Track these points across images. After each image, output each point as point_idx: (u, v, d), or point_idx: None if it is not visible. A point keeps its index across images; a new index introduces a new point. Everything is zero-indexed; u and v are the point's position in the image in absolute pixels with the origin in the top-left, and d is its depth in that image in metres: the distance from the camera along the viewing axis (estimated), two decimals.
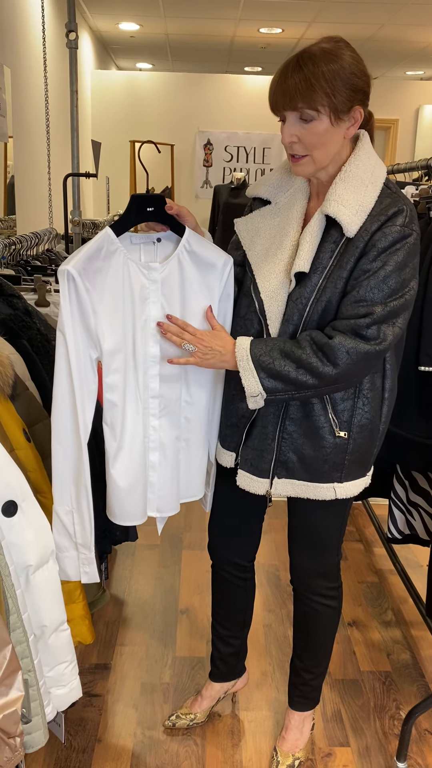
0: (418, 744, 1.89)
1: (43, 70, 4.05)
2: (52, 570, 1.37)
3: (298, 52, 1.34)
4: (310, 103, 1.31)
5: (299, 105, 1.31)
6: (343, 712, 2.00)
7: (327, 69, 1.29)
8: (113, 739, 1.88)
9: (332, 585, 1.70)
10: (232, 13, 5.80)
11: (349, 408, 1.48)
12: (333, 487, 1.54)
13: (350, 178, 1.38)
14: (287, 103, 1.32)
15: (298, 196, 1.50)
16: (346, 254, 1.38)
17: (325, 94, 1.30)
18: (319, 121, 1.33)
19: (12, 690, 1.16)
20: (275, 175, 1.55)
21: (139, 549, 2.81)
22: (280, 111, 1.36)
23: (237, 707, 2.01)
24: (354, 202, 1.36)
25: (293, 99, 1.31)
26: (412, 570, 2.71)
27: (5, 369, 1.42)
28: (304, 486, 1.54)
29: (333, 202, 1.37)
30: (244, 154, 7.46)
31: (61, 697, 1.45)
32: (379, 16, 5.73)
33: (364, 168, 1.40)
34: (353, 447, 1.51)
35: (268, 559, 2.75)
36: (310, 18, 5.87)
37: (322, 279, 1.40)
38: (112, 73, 7.65)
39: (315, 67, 1.29)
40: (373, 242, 1.35)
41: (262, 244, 1.50)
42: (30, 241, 2.74)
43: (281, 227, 1.49)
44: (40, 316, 1.91)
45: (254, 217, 1.55)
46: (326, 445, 1.49)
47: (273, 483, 1.55)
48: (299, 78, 1.29)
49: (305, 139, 1.35)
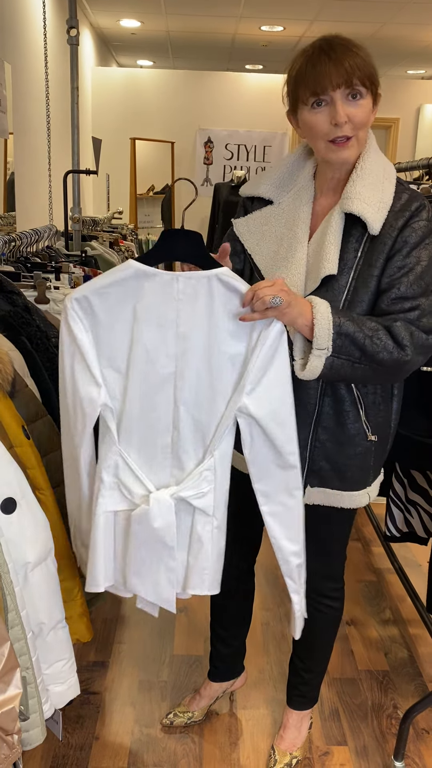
0: (415, 743, 1.89)
1: (44, 67, 4.04)
2: (50, 567, 1.36)
3: (328, 38, 1.34)
4: (364, 79, 1.32)
5: (354, 80, 1.31)
6: (341, 711, 2.00)
7: (363, 52, 1.33)
8: (111, 737, 1.88)
9: (337, 586, 1.70)
10: (233, 10, 5.79)
11: (376, 411, 1.47)
12: (367, 492, 1.54)
13: (367, 175, 1.37)
14: (343, 80, 1.30)
15: (302, 195, 1.46)
16: (373, 252, 1.36)
17: (370, 68, 1.33)
18: (366, 99, 1.34)
19: (10, 687, 1.16)
20: (275, 174, 1.51)
21: None
22: (330, 91, 1.31)
23: (235, 706, 2.01)
24: (375, 198, 1.35)
25: (350, 74, 1.30)
26: (410, 569, 2.71)
27: (5, 366, 1.41)
28: (338, 495, 1.52)
29: (356, 200, 1.35)
30: (245, 152, 7.44)
31: (59, 694, 1.44)
32: (381, 14, 5.72)
33: (377, 164, 1.39)
34: (377, 448, 1.51)
35: (266, 558, 2.73)
36: (311, 16, 5.86)
37: (351, 279, 1.37)
38: (112, 70, 7.62)
39: (358, 48, 1.33)
40: (404, 238, 1.34)
41: (270, 247, 1.45)
42: (30, 237, 2.74)
43: (289, 228, 1.44)
44: (40, 313, 1.91)
45: (255, 218, 1.50)
46: (359, 452, 1.48)
47: (306, 492, 1.51)
48: (350, 54, 1.31)
49: (355, 117, 1.33)
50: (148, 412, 1.35)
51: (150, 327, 1.30)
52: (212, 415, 1.34)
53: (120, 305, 1.29)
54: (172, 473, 1.38)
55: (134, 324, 1.30)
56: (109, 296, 1.29)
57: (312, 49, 1.34)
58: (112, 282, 1.28)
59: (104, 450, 1.37)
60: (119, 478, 1.36)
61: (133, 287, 1.28)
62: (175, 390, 1.33)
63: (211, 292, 1.28)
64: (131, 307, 1.29)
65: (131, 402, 1.34)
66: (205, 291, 1.28)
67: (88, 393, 1.32)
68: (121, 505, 1.38)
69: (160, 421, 1.35)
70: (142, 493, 1.36)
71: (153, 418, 1.35)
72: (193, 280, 1.27)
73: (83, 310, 1.29)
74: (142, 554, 1.38)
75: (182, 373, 1.32)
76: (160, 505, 1.34)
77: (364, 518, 3.15)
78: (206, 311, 1.29)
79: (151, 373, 1.32)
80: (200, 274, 1.27)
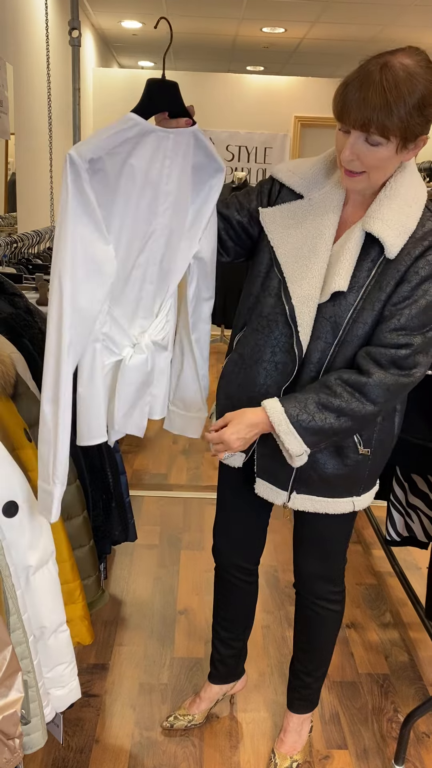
0: (415, 747, 1.89)
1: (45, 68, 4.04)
2: (52, 571, 1.36)
3: (383, 63, 1.21)
4: (384, 132, 1.23)
5: (372, 129, 1.23)
6: (341, 715, 2.00)
7: (409, 97, 1.20)
8: (111, 740, 1.88)
9: (337, 589, 1.70)
10: (234, 12, 5.79)
11: (376, 426, 1.47)
12: (352, 501, 1.54)
13: (395, 197, 1.34)
14: (360, 123, 1.23)
15: (333, 197, 1.42)
16: (385, 276, 1.34)
17: (401, 122, 1.22)
18: (385, 147, 1.26)
19: (12, 691, 1.16)
20: (310, 169, 1.45)
21: (137, 549, 2.81)
22: (348, 125, 1.26)
23: (235, 709, 2.01)
24: (397, 222, 1.32)
25: (368, 122, 1.22)
26: (410, 572, 2.71)
27: (7, 368, 1.41)
28: (323, 502, 1.52)
29: (378, 221, 1.33)
30: (246, 154, 7.45)
31: (60, 698, 1.44)
32: (382, 17, 5.72)
33: (408, 186, 1.35)
34: (372, 462, 1.50)
35: (267, 561, 2.74)
36: (312, 18, 5.86)
37: (359, 299, 1.36)
38: (114, 71, 7.63)
39: (398, 92, 1.20)
40: (416, 269, 1.32)
41: (293, 244, 1.42)
42: (31, 239, 2.74)
43: (315, 228, 1.41)
44: (42, 315, 1.91)
45: (284, 211, 1.46)
46: (349, 463, 1.48)
47: (291, 497, 1.53)
48: (380, 101, 1.20)
49: (366, 160, 1.28)
50: (131, 269, 1.40)
51: (143, 185, 1.32)
52: (178, 263, 1.45)
53: (121, 163, 1.29)
54: (141, 323, 1.49)
55: (128, 182, 1.31)
56: (119, 155, 1.27)
57: (362, 68, 1.24)
58: (122, 141, 1.25)
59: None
60: (106, 334, 1.42)
61: (133, 144, 1.28)
62: (157, 245, 1.41)
63: (188, 148, 1.34)
64: (128, 164, 1.29)
65: (120, 260, 1.37)
66: (184, 148, 1.33)
67: (104, 253, 1.32)
68: (108, 359, 1.45)
69: (140, 276, 1.42)
70: (125, 344, 1.45)
71: (135, 274, 1.41)
72: (180, 138, 1.31)
73: (93, 170, 1.26)
74: (130, 396, 1.49)
75: (163, 229, 1.39)
76: (148, 350, 1.47)
77: (365, 521, 3.15)
78: (183, 167, 1.35)
79: (139, 230, 1.37)
80: (185, 131, 1.32)
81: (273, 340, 1.44)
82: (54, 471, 1.32)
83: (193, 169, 1.38)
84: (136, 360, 1.45)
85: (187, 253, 1.46)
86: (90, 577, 1.70)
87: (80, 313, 1.30)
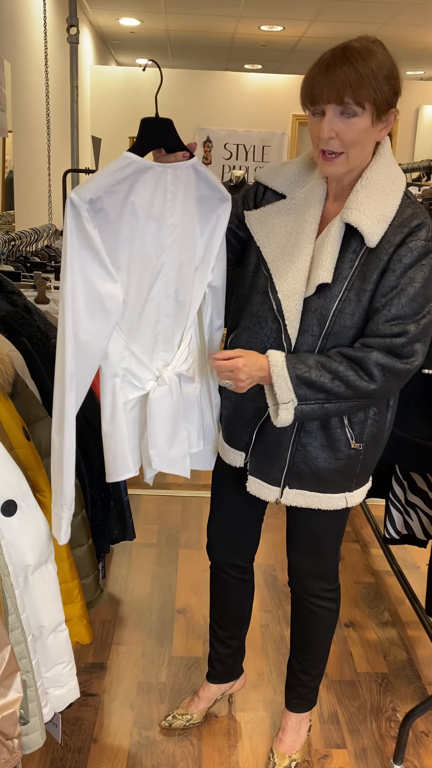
0: (414, 746, 1.89)
1: (44, 65, 4.03)
2: (50, 570, 1.36)
3: (341, 46, 1.30)
4: (358, 98, 1.27)
5: (346, 99, 1.27)
6: (340, 714, 2.00)
7: (375, 65, 1.27)
8: (109, 739, 1.87)
9: (330, 587, 1.70)
10: (233, 10, 5.78)
11: (363, 420, 1.47)
12: (345, 496, 1.54)
13: (371, 186, 1.36)
14: (334, 96, 1.27)
15: (315, 193, 1.45)
16: (368, 266, 1.35)
17: (373, 90, 1.27)
18: (361, 117, 1.30)
19: (11, 691, 1.15)
20: (292, 168, 1.49)
21: (135, 548, 2.80)
22: (322, 103, 1.30)
23: (234, 708, 2.01)
24: (375, 211, 1.34)
25: (341, 92, 1.27)
26: (408, 571, 2.71)
27: (5, 367, 1.40)
28: (316, 497, 1.53)
29: (355, 211, 1.34)
30: (244, 152, 7.44)
31: (59, 697, 1.44)
32: (380, 15, 5.72)
33: (385, 175, 1.37)
34: (365, 457, 1.50)
35: (265, 560, 2.74)
36: (311, 16, 5.85)
37: (343, 290, 1.37)
38: (111, 68, 7.61)
39: (364, 63, 1.26)
40: (399, 257, 1.33)
41: (278, 242, 1.45)
42: (29, 237, 2.73)
43: (298, 225, 1.44)
44: (40, 313, 1.90)
45: (268, 212, 1.49)
46: (341, 458, 1.48)
47: (283, 492, 1.54)
48: (350, 71, 1.26)
49: (344, 135, 1.31)
50: (144, 304, 1.42)
51: (146, 220, 1.35)
52: (192, 295, 1.48)
53: (122, 201, 1.31)
54: (164, 357, 1.50)
55: (131, 218, 1.33)
56: (119, 194, 1.29)
57: (325, 55, 1.30)
58: (120, 179, 1.28)
59: (111, 348, 1.42)
60: (127, 369, 1.44)
61: (131, 181, 1.30)
62: (167, 279, 1.43)
63: (189, 181, 1.37)
64: (129, 201, 1.31)
65: (132, 295, 1.39)
66: (184, 181, 1.36)
67: (108, 290, 1.33)
68: (132, 394, 1.47)
69: (154, 311, 1.44)
70: (148, 378, 1.47)
71: (149, 308, 1.43)
72: (179, 171, 1.34)
73: (94, 210, 1.29)
74: (161, 430, 1.49)
75: (173, 262, 1.42)
76: (171, 382, 1.48)
77: (363, 520, 3.15)
78: (186, 200, 1.38)
79: (148, 265, 1.39)
80: (184, 164, 1.35)
81: (263, 336, 1.46)
82: (62, 497, 1.36)
83: (198, 202, 1.41)
84: (159, 392, 1.47)
85: (201, 283, 1.48)
86: (88, 576, 1.69)
87: (83, 347, 1.32)
